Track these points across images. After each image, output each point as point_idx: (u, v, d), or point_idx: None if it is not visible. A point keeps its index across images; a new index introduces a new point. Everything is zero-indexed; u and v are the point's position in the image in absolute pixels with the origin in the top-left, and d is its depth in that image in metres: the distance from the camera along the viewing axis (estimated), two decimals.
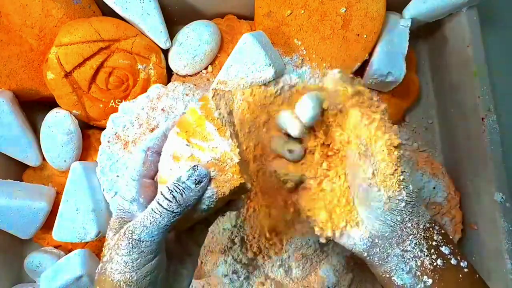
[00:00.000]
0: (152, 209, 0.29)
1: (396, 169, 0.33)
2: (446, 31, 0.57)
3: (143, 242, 0.29)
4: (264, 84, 0.49)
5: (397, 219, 0.33)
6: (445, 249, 0.33)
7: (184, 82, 0.53)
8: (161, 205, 0.29)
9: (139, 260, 0.29)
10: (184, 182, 0.30)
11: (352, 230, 0.36)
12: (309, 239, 0.49)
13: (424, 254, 0.33)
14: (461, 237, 0.55)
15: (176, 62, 0.53)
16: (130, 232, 0.29)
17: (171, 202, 0.29)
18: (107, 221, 0.50)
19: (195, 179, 0.30)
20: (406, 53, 0.53)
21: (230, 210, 0.35)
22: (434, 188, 0.54)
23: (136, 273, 0.29)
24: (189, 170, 0.30)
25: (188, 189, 0.30)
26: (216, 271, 0.50)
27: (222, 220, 0.47)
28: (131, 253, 0.29)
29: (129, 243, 0.29)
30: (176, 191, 0.29)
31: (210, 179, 0.31)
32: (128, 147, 0.48)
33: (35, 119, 0.56)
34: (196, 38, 0.52)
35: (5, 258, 0.53)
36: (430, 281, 0.32)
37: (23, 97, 0.53)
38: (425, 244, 0.33)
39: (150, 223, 0.29)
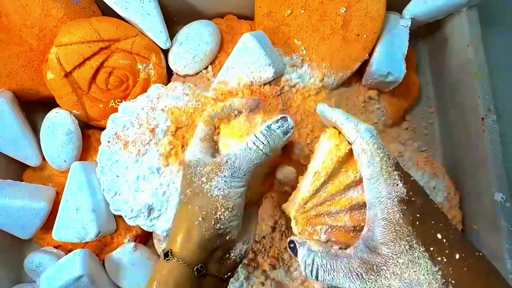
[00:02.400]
0: (250, 147, 0.35)
1: None
2: (446, 31, 0.57)
3: (241, 169, 0.35)
4: (264, 84, 0.49)
5: None
6: None
7: (184, 82, 0.53)
8: (257, 146, 0.35)
9: (235, 182, 0.35)
10: (275, 131, 0.36)
11: None
12: None
13: None
14: None
15: (176, 62, 0.53)
16: (232, 161, 0.35)
17: (265, 145, 0.35)
18: (107, 221, 0.50)
19: (284, 130, 0.37)
20: (406, 53, 0.53)
21: None
22: (434, 188, 0.54)
23: (232, 190, 0.35)
24: (278, 120, 0.37)
25: (278, 138, 0.36)
26: None
27: None
28: (232, 176, 0.35)
29: (231, 168, 0.35)
30: (270, 137, 0.36)
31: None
32: (128, 147, 0.48)
33: (35, 119, 0.56)
34: (196, 38, 0.52)
35: (5, 258, 0.53)
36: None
37: (23, 97, 0.53)
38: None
39: (249, 158, 0.35)
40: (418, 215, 0.30)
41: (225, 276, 0.36)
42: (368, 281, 0.30)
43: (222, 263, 0.36)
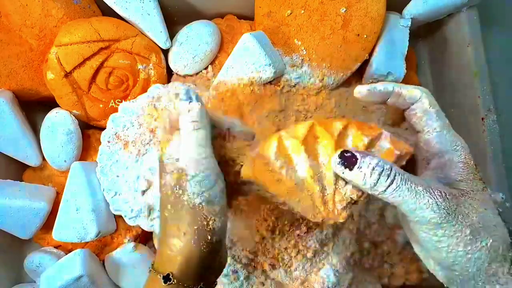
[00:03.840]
0: (186, 134, 0.32)
1: None
2: (446, 31, 0.57)
3: (200, 157, 0.31)
4: (264, 84, 0.49)
5: (468, 281, 0.31)
6: None
7: (184, 82, 0.53)
8: (190, 129, 0.32)
9: (209, 177, 0.31)
10: (181, 100, 0.33)
11: (429, 261, 0.34)
12: (309, 239, 0.49)
13: None
14: None
15: (176, 62, 0.53)
16: (184, 156, 0.31)
17: (193, 125, 0.32)
18: (107, 221, 0.50)
19: (189, 98, 0.34)
20: (406, 53, 0.53)
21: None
22: None
23: (211, 191, 0.32)
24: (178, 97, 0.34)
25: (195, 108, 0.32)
26: None
27: None
28: (200, 171, 0.31)
29: (189, 163, 0.31)
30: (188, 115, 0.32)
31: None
32: (128, 147, 0.48)
33: (35, 119, 0.56)
34: (196, 38, 0.52)
35: (5, 258, 0.53)
36: None
37: (23, 97, 0.53)
38: None
39: (194, 139, 0.31)
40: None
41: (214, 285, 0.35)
42: (451, 201, 0.30)
43: (213, 272, 0.34)
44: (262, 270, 0.50)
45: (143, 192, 0.47)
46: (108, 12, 0.51)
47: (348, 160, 0.31)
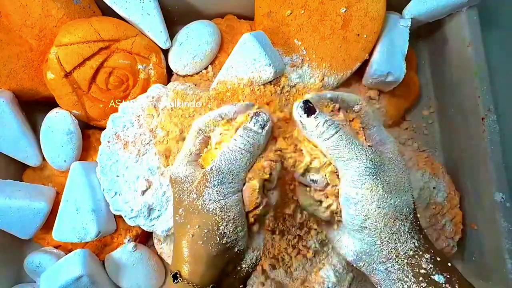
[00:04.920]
0: (231, 149, 0.34)
1: None
2: (446, 31, 0.57)
3: (229, 173, 0.34)
4: (264, 84, 0.49)
5: (375, 241, 0.34)
6: (438, 278, 0.32)
7: (184, 82, 0.53)
8: (239, 146, 0.34)
9: (228, 189, 0.34)
10: (251, 129, 0.35)
11: (344, 238, 0.37)
12: (309, 239, 0.49)
13: (410, 280, 0.33)
14: (461, 237, 0.55)
15: (176, 62, 0.53)
16: (218, 167, 0.34)
17: (246, 144, 0.34)
18: (107, 221, 0.50)
19: (261, 125, 0.36)
20: (406, 53, 0.53)
21: None
22: (434, 188, 0.54)
23: (228, 199, 0.33)
24: (252, 117, 0.36)
25: (257, 134, 0.35)
26: None
27: None
28: (222, 183, 0.33)
29: (218, 174, 0.33)
30: (248, 136, 0.35)
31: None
32: (128, 147, 0.48)
33: (35, 119, 0.56)
34: (196, 38, 0.52)
35: (5, 258, 0.53)
36: None
37: (23, 97, 0.53)
38: (410, 271, 0.33)
39: (234, 159, 0.34)
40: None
41: None
42: (378, 156, 0.35)
43: (235, 277, 0.35)
44: (262, 270, 0.50)
45: (143, 192, 0.47)
46: (108, 12, 0.51)
47: (309, 108, 0.36)
